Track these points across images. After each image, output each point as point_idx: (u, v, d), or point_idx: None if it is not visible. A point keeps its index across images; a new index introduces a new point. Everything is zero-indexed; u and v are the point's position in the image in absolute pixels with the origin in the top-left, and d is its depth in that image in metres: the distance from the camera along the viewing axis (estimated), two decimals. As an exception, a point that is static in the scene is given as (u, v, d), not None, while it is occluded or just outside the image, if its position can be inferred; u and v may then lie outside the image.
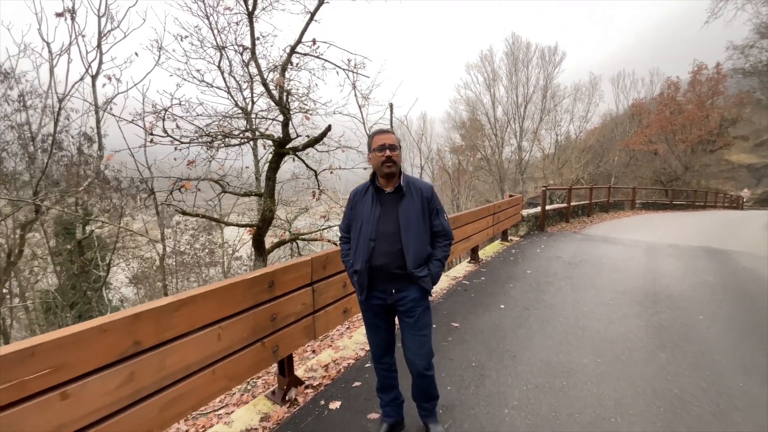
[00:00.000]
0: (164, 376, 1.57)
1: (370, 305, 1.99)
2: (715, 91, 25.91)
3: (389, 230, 1.88)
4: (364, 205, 1.95)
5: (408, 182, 1.95)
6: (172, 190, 5.09)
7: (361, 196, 2.00)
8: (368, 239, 1.88)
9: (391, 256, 1.87)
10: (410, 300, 1.93)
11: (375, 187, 1.96)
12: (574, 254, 6.87)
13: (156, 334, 1.53)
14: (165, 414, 1.59)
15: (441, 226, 1.98)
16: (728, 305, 4.41)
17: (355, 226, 1.97)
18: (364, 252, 1.88)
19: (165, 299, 1.59)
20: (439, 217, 1.98)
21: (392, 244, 1.87)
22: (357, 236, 1.94)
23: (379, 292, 1.95)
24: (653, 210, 17.47)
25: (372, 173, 2.01)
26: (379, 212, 1.91)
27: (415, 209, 1.90)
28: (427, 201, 1.95)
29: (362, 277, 1.91)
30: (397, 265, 1.88)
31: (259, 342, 2.05)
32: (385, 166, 1.87)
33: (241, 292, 1.91)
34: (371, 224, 1.89)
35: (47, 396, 1.25)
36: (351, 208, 2.04)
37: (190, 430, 2.72)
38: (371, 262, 1.88)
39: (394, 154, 1.87)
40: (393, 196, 1.94)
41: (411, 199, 1.91)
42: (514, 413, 2.39)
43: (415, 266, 1.87)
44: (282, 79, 4.42)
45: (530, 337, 3.50)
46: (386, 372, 2.10)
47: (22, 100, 6.10)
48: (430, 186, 2.02)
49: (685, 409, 2.45)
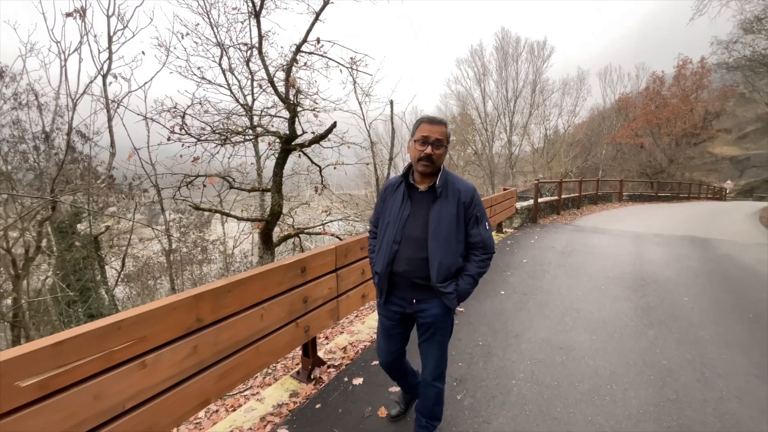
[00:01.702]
0: (220, 349, 1.76)
1: (388, 310, 1.83)
2: (699, 85, 26.65)
3: (415, 234, 1.66)
4: (393, 202, 1.75)
5: (446, 182, 1.69)
6: (179, 187, 5.21)
7: (392, 190, 1.78)
8: (392, 241, 1.69)
9: (414, 264, 1.67)
10: (431, 315, 1.74)
11: (407, 182, 1.73)
12: (567, 244, 7.18)
13: (213, 312, 1.72)
14: (220, 384, 1.79)
15: (480, 236, 1.70)
16: (711, 288, 4.74)
17: (382, 223, 1.79)
18: (386, 255, 1.70)
19: (220, 281, 1.77)
20: (478, 227, 1.70)
21: (417, 251, 1.66)
22: (382, 235, 1.76)
23: (399, 299, 1.78)
24: (640, 202, 18.02)
25: (407, 165, 1.76)
26: (407, 212, 1.69)
27: (448, 214, 1.64)
28: (465, 206, 1.68)
29: (382, 281, 1.75)
30: (420, 274, 1.67)
31: (294, 322, 2.25)
32: (421, 164, 1.63)
33: (279, 276, 2.10)
34: (397, 225, 1.69)
35: (129, 365, 1.43)
36: (381, 202, 1.84)
37: (219, 409, 2.91)
38: (392, 266, 1.71)
39: (436, 153, 1.61)
40: (426, 196, 1.69)
41: (446, 201, 1.66)
42: (520, 383, 2.64)
43: (440, 280, 1.64)
44: (294, 78, 4.57)
45: (530, 319, 3.76)
46: (393, 374, 2.05)
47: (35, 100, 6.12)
48: (473, 188, 1.73)
49: (672, 377, 2.74)
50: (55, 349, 1.22)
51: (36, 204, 5.45)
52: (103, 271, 6.90)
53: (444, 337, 1.83)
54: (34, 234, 5.60)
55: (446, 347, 1.87)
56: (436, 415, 1.97)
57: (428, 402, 1.93)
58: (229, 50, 5.92)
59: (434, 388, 1.89)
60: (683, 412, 2.35)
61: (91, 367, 1.31)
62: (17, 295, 5.13)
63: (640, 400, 2.46)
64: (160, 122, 4.46)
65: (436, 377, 1.87)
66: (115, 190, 6.65)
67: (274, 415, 2.41)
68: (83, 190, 6.09)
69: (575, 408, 2.39)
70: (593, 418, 2.29)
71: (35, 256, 5.63)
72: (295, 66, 4.81)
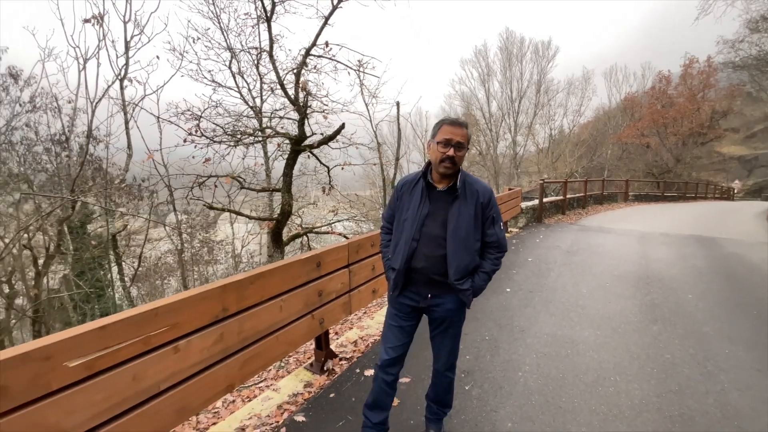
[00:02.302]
0: (243, 338, 1.88)
1: (401, 304, 1.85)
2: (706, 84, 26.45)
3: (434, 233, 1.72)
4: (411, 200, 1.78)
5: (465, 183, 1.74)
6: (192, 187, 5.35)
7: (409, 187, 1.81)
8: (410, 239, 1.72)
9: (432, 261, 1.71)
10: (445, 310, 1.80)
11: (426, 181, 1.77)
12: (572, 243, 7.24)
13: (238, 303, 1.83)
14: (244, 370, 1.90)
15: (495, 236, 1.78)
16: (715, 285, 4.79)
17: (399, 219, 1.82)
18: (404, 251, 1.73)
19: (243, 274, 1.89)
20: (494, 227, 1.78)
21: (435, 249, 1.71)
22: (399, 232, 1.80)
23: (413, 293, 1.81)
24: (646, 202, 17.96)
25: (426, 163, 1.81)
26: (426, 211, 1.73)
27: (467, 214, 1.71)
28: (483, 207, 1.74)
29: (399, 276, 1.77)
30: (438, 271, 1.72)
31: (310, 314, 2.36)
32: (442, 165, 1.67)
33: (297, 269, 2.21)
34: (416, 223, 1.72)
35: (164, 349, 1.55)
36: (397, 199, 1.86)
37: (236, 400, 3.03)
38: (411, 263, 1.75)
39: (458, 155, 1.66)
40: (445, 196, 1.74)
41: (464, 201, 1.71)
42: (527, 375, 2.73)
43: (457, 277, 1.70)
44: (306, 82, 4.69)
45: (536, 315, 3.85)
46: (386, 387, 1.89)
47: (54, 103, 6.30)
48: (490, 190, 1.79)
49: (675, 370, 2.81)
50: (100, 333, 1.34)
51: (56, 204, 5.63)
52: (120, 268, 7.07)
53: (457, 330, 1.90)
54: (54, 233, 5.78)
55: (459, 339, 1.95)
56: (447, 402, 2.06)
57: (440, 390, 2.01)
58: (239, 54, 6.07)
59: (446, 378, 1.97)
60: (685, 402, 2.42)
61: (131, 350, 1.42)
62: (38, 291, 5.31)
63: (643, 392, 2.54)
64: (178, 124, 4.62)
65: (448, 368, 1.95)
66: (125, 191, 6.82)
67: (290, 404, 2.52)
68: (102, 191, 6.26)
69: (580, 398, 2.48)
70: (597, 408, 2.38)
71: (55, 254, 5.82)
72: (304, 69, 4.94)
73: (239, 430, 2.28)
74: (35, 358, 1.20)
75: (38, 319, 5.45)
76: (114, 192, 6.50)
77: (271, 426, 2.29)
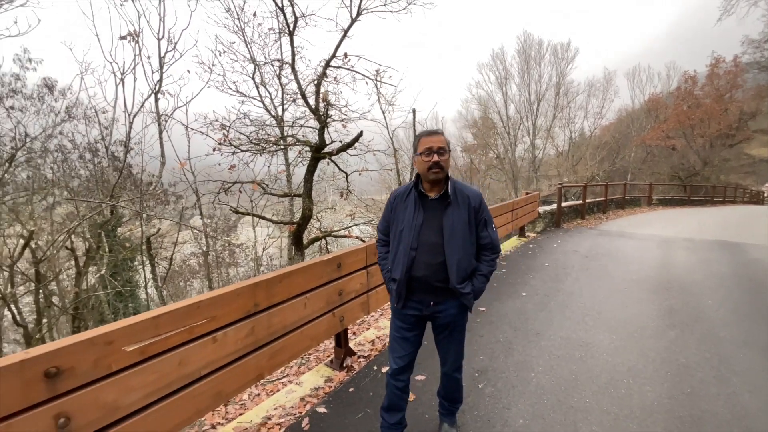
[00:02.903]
0: (272, 332, 2.06)
1: (404, 315, 1.90)
2: (733, 85, 25.54)
3: (432, 240, 1.76)
4: (405, 210, 1.83)
5: (455, 189, 1.80)
6: (218, 192, 5.64)
7: (402, 199, 1.87)
8: (409, 248, 1.77)
9: (433, 268, 1.76)
10: (448, 315, 1.85)
11: (418, 191, 1.83)
12: (590, 248, 7.19)
13: (267, 299, 2.01)
14: (272, 361, 2.08)
15: (489, 238, 1.84)
16: (737, 292, 4.71)
17: (395, 231, 1.87)
18: (403, 261, 1.78)
19: (272, 273, 2.07)
20: (487, 229, 1.84)
21: (434, 256, 1.76)
22: (397, 243, 1.84)
23: (416, 303, 1.85)
24: (670, 206, 17.44)
25: (416, 176, 1.87)
26: (421, 220, 1.79)
27: (461, 219, 1.76)
28: (475, 210, 1.81)
29: (400, 287, 1.81)
30: (439, 278, 1.77)
31: (331, 312, 2.53)
32: (431, 172, 1.73)
33: (319, 270, 2.39)
34: (412, 232, 1.77)
35: (205, 339, 1.74)
36: (391, 211, 1.91)
37: (261, 393, 3.22)
38: (411, 272, 1.79)
39: (442, 159, 1.72)
40: (437, 203, 1.80)
41: (457, 207, 1.77)
42: (539, 376, 2.81)
43: (458, 281, 1.75)
44: (327, 92, 4.93)
45: (551, 318, 3.90)
46: (399, 392, 1.97)
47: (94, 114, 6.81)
48: (480, 194, 1.87)
49: (689, 373, 2.83)
50: (153, 322, 1.54)
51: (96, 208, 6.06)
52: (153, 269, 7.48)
53: (461, 334, 1.97)
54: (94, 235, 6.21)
55: (463, 342, 2.01)
56: (458, 398, 2.14)
57: (450, 389, 2.10)
58: (263, 66, 6.38)
59: (454, 379, 2.05)
60: (696, 404, 2.46)
61: (178, 338, 1.62)
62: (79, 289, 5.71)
63: (656, 394, 2.59)
64: (207, 134, 4.92)
65: (455, 369, 2.02)
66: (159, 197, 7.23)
67: (312, 397, 2.68)
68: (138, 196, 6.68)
69: (592, 399, 2.54)
70: (608, 408, 2.44)
71: (95, 255, 6.24)
72: (324, 80, 5.17)
73: (266, 419, 2.46)
74: (98, 343, 1.40)
75: (78, 316, 5.86)
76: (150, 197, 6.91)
77: (294, 416, 2.46)
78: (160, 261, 12.41)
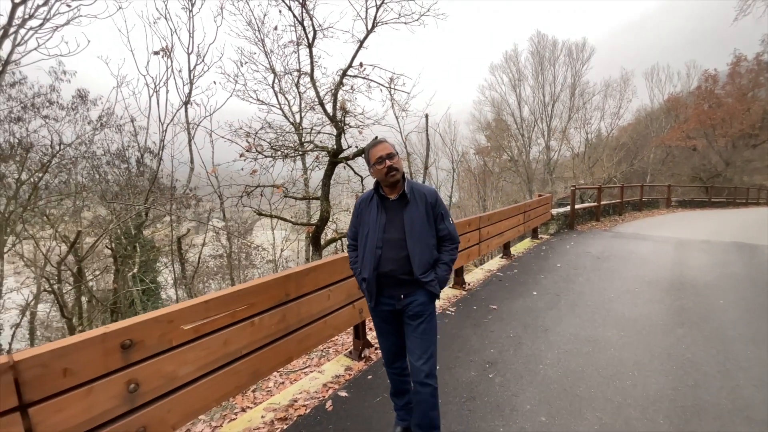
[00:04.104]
0: (300, 319, 2.30)
1: (380, 311, 2.02)
2: (755, 83, 24.81)
3: (395, 237, 1.90)
4: (369, 214, 1.98)
5: (412, 188, 1.96)
6: (242, 196, 5.97)
7: (366, 204, 2.03)
8: (375, 247, 1.90)
9: (398, 263, 1.89)
10: (418, 304, 1.94)
11: (379, 195, 1.98)
12: (603, 250, 7.23)
13: (296, 290, 2.26)
14: (300, 346, 2.32)
15: (447, 230, 2.00)
16: (750, 292, 4.73)
17: (362, 234, 2.01)
18: (371, 260, 1.91)
19: (300, 266, 2.32)
20: (444, 222, 2.00)
21: (398, 251, 1.89)
22: (363, 244, 1.98)
23: (387, 298, 1.97)
24: (690, 208, 17.10)
25: (375, 182, 2.01)
26: (384, 220, 1.93)
27: (419, 215, 1.92)
28: (432, 206, 1.96)
29: (371, 285, 1.94)
30: (404, 271, 1.90)
31: (351, 304, 2.76)
32: (389, 177, 1.88)
33: (341, 265, 2.62)
34: (377, 232, 1.91)
35: (245, 323, 1.99)
36: (357, 216, 2.07)
37: (285, 381, 3.46)
38: (379, 269, 1.91)
39: (393, 162, 1.88)
40: (397, 203, 1.95)
41: (415, 205, 1.93)
42: (547, 368, 2.97)
43: (421, 272, 1.89)
44: (344, 101, 5.20)
45: (560, 316, 4.03)
46: (399, 377, 2.13)
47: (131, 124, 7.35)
48: (434, 191, 2.03)
49: (694, 368, 2.95)
50: (204, 305, 1.79)
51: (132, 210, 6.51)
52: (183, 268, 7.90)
53: (430, 325, 1.96)
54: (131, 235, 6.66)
55: (435, 340, 1.98)
56: (434, 422, 1.94)
57: (425, 406, 1.91)
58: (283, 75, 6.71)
59: (427, 387, 1.89)
60: (699, 395, 2.58)
61: (223, 320, 1.87)
62: (117, 285, 6.13)
63: (660, 386, 2.72)
64: (233, 140, 5.26)
65: (427, 373, 1.89)
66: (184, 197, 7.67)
67: (334, 383, 2.91)
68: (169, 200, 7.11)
69: (597, 389, 2.69)
70: (612, 397, 2.59)
71: (132, 253, 6.68)
72: (341, 89, 5.43)
73: (292, 401, 2.70)
74: (162, 321, 1.66)
75: (116, 310, 6.28)
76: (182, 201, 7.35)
77: (318, 399, 2.69)
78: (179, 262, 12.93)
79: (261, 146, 5.66)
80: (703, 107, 26.49)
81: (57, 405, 1.36)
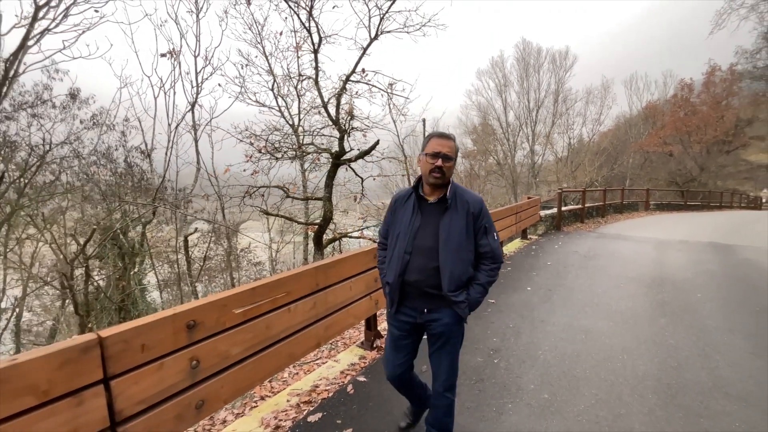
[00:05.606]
0: (327, 307, 2.50)
1: (399, 321, 1.86)
2: (729, 92, 26.18)
3: (427, 245, 1.73)
4: (404, 213, 1.81)
5: (455, 193, 1.77)
6: (244, 196, 6.10)
7: (402, 202, 1.85)
8: (403, 252, 1.75)
9: (426, 273, 1.72)
10: (442, 324, 1.77)
11: (417, 195, 1.81)
12: (590, 249, 7.63)
13: (325, 280, 2.46)
14: (326, 332, 2.52)
15: (489, 246, 1.78)
16: (725, 287, 5.15)
17: (392, 234, 1.85)
18: (397, 265, 1.75)
19: (328, 259, 2.52)
20: (487, 237, 1.78)
21: (428, 261, 1.72)
22: (393, 246, 1.82)
23: (410, 309, 1.81)
24: (667, 211, 17.93)
25: (417, 178, 1.85)
26: (418, 223, 1.76)
27: (458, 224, 1.72)
28: (475, 217, 1.76)
29: (393, 291, 1.79)
30: (432, 283, 1.73)
31: (369, 295, 2.97)
32: (432, 176, 1.71)
33: (361, 259, 2.84)
34: (408, 236, 1.75)
35: (283, 309, 2.18)
36: (391, 214, 1.90)
37: (299, 372, 3.64)
38: (404, 276, 1.75)
39: (446, 166, 1.70)
40: (436, 208, 1.77)
41: (455, 212, 1.74)
42: (546, 353, 3.25)
43: (451, 288, 1.70)
44: (352, 106, 5.42)
45: (554, 309, 4.33)
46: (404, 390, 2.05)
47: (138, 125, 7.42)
48: (480, 199, 1.81)
49: (677, 352, 3.27)
50: (251, 292, 1.98)
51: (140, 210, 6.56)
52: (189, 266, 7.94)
53: (455, 347, 1.84)
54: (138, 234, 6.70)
55: (457, 358, 1.88)
56: (448, 427, 1.93)
57: (439, 413, 1.91)
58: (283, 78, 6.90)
59: (445, 399, 1.87)
60: (682, 375, 2.89)
61: (266, 306, 2.06)
62: (125, 282, 6.16)
63: (647, 367, 3.02)
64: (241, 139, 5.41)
65: (447, 388, 1.86)
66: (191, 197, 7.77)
67: (350, 370, 3.11)
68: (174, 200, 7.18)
69: (591, 370, 2.98)
70: (606, 377, 2.87)
71: (139, 251, 6.71)
72: (344, 94, 5.64)
73: (314, 387, 2.89)
74: (217, 305, 1.84)
75: (124, 307, 6.31)
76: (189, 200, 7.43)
77: (339, 384, 2.89)
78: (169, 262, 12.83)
79: (265, 148, 5.82)
80: (679, 114, 27.76)
81: (135, 378, 1.53)
